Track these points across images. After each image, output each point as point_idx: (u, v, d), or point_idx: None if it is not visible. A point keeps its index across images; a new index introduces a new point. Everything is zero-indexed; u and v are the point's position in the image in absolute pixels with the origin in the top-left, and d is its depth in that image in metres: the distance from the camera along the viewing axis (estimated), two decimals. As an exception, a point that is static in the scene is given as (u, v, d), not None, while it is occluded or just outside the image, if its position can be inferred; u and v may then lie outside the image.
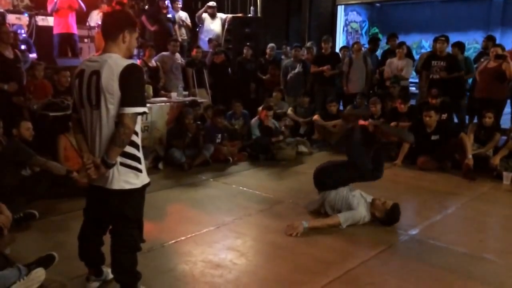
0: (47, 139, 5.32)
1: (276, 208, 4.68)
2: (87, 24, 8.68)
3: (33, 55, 7.38)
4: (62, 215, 4.31)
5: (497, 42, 8.25)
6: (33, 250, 3.43)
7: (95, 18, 8.66)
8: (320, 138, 7.62)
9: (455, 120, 7.76)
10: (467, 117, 7.87)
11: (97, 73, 2.43)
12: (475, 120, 7.06)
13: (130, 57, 2.59)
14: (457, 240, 3.92)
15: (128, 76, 2.42)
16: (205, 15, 9.74)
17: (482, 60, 7.44)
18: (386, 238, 3.92)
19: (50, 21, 8.07)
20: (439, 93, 6.81)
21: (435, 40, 7.79)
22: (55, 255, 3.23)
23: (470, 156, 5.85)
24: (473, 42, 13.91)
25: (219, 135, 6.69)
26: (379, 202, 4.17)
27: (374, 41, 9.31)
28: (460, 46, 7.87)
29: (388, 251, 3.68)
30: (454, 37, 8.70)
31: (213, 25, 9.77)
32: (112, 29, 2.54)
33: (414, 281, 3.20)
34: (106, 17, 2.67)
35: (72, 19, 8.01)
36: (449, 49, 7.73)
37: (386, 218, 4.13)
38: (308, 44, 9.77)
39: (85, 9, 8.20)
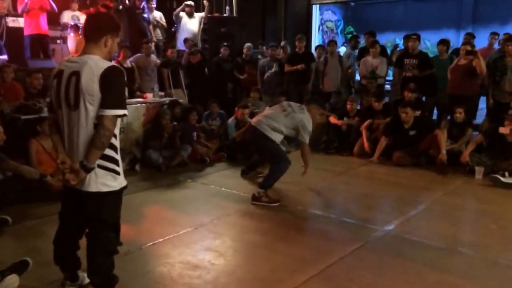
0: (19, 143, 5.19)
1: (254, 207, 4.70)
2: (60, 24, 8.52)
3: (4, 57, 7.20)
4: (36, 220, 4.22)
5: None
6: (7, 257, 3.34)
7: (67, 18, 8.52)
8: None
9: (434, 117, 7.89)
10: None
11: (77, 74, 2.40)
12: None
13: (110, 60, 2.56)
14: (432, 235, 4.00)
15: (109, 78, 2.39)
16: (182, 14, 9.64)
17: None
18: (363, 235, 3.98)
19: (21, 22, 7.88)
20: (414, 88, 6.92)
21: (406, 38, 7.93)
22: (29, 261, 3.16)
23: (444, 152, 5.98)
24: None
25: (194, 133, 6.65)
26: None
27: (354, 39, 9.46)
28: (445, 43, 7.81)
29: (365, 247, 3.73)
30: (426, 36, 8.84)
31: (190, 24, 9.69)
32: (95, 32, 2.50)
33: (390, 276, 3.25)
34: (90, 18, 2.61)
35: (43, 20, 7.84)
36: (421, 47, 7.83)
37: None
38: (282, 43, 9.81)
39: (56, 10, 8.05)
